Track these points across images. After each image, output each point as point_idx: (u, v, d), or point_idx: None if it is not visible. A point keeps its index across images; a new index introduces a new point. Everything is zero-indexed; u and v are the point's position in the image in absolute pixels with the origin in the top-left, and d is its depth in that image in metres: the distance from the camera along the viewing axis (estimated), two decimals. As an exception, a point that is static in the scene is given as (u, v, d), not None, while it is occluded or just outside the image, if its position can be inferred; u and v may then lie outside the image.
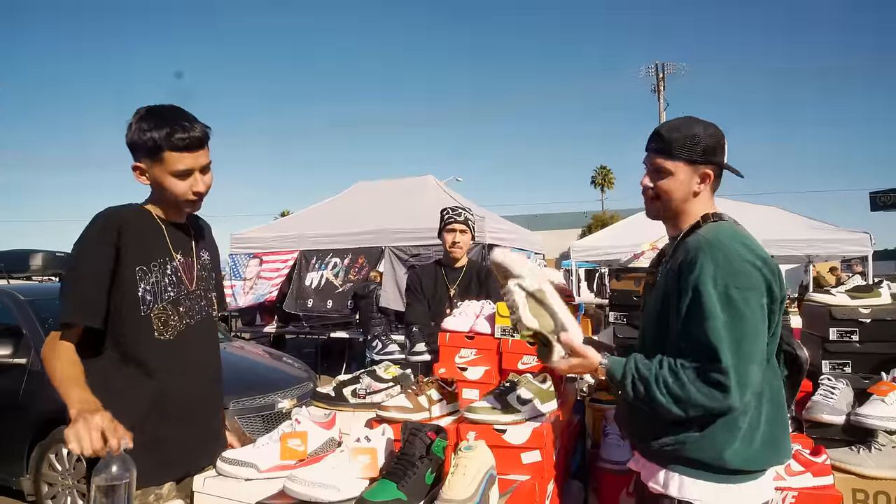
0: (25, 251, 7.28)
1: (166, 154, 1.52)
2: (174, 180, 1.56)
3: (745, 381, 1.31)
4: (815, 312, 2.50)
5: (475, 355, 2.01)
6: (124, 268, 1.53)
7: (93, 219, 1.56)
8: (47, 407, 3.76)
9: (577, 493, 2.01)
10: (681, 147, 1.45)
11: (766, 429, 1.39)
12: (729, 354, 1.30)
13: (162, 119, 1.52)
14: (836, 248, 8.90)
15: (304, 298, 8.29)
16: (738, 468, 1.36)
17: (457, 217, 3.11)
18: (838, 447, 2.01)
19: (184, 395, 1.62)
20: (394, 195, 9.36)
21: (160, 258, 1.61)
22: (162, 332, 1.58)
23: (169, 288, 1.61)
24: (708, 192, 1.51)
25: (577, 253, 9.91)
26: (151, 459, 1.49)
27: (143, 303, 1.55)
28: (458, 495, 1.25)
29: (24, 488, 3.86)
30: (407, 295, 3.17)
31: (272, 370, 4.68)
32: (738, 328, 1.32)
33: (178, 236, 1.68)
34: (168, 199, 1.60)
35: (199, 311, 1.69)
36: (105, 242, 1.52)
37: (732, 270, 1.34)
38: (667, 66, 24.82)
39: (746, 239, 1.41)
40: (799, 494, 1.79)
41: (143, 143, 1.51)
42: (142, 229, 1.59)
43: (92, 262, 1.52)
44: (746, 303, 1.33)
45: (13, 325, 4.26)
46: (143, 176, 1.58)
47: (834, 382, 2.22)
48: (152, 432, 1.52)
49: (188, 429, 1.62)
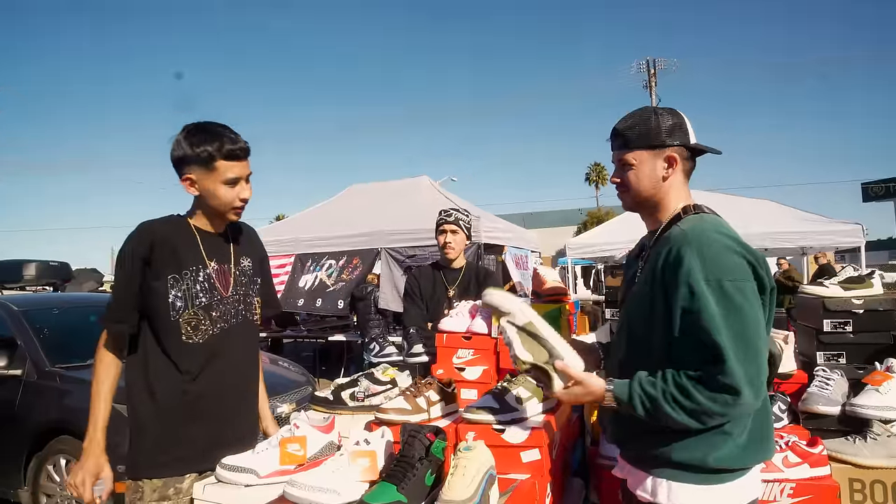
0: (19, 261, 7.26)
1: (219, 163, 1.67)
2: (225, 188, 1.70)
3: (755, 377, 1.25)
4: (808, 304, 2.52)
5: (473, 355, 2.02)
6: (156, 277, 1.67)
7: (130, 234, 1.70)
8: (44, 418, 3.75)
9: (577, 491, 2.02)
10: (637, 136, 1.44)
11: (753, 426, 1.35)
12: (732, 353, 1.23)
13: (212, 133, 1.68)
14: (829, 239, 8.96)
15: (295, 298, 8.28)
16: (725, 468, 1.32)
17: (447, 218, 3.12)
18: (834, 437, 2.03)
19: (212, 395, 1.73)
20: (389, 197, 9.36)
21: (192, 266, 1.72)
22: (191, 335, 1.70)
23: (201, 294, 1.72)
24: (680, 177, 1.45)
25: (572, 250, 9.93)
26: (173, 455, 1.66)
27: (173, 308, 1.68)
28: (459, 496, 1.25)
29: (23, 500, 3.83)
30: (404, 299, 3.16)
31: (270, 375, 4.65)
32: (738, 322, 1.26)
33: (215, 245, 1.80)
34: (215, 207, 1.74)
35: (234, 315, 1.80)
36: (136, 256, 1.66)
37: (722, 263, 1.28)
38: (658, 62, 24.90)
39: (730, 230, 1.37)
40: (796, 485, 1.81)
41: (196, 155, 1.66)
42: (175, 240, 1.72)
43: (125, 274, 1.67)
44: (743, 294, 1.27)
45: (8, 336, 4.23)
46: (193, 187, 1.71)
47: (829, 374, 2.23)
48: (178, 429, 1.68)
49: (214, 427, 1.73)
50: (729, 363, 1.23)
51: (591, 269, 16.42)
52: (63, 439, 3.67)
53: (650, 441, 1.36)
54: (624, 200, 1.52)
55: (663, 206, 1.46)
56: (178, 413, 1.68)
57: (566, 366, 1.43)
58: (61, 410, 3.72)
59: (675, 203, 1.45)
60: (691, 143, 1.44)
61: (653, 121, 1.43)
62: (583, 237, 10.80)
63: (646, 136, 1.43)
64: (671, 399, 1.28)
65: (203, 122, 1.72)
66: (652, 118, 1.43)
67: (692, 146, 1.45)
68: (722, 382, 1.23)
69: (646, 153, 1.44)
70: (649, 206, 1.48)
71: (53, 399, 3.78)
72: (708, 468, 1.31)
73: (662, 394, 1.29)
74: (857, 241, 8.65)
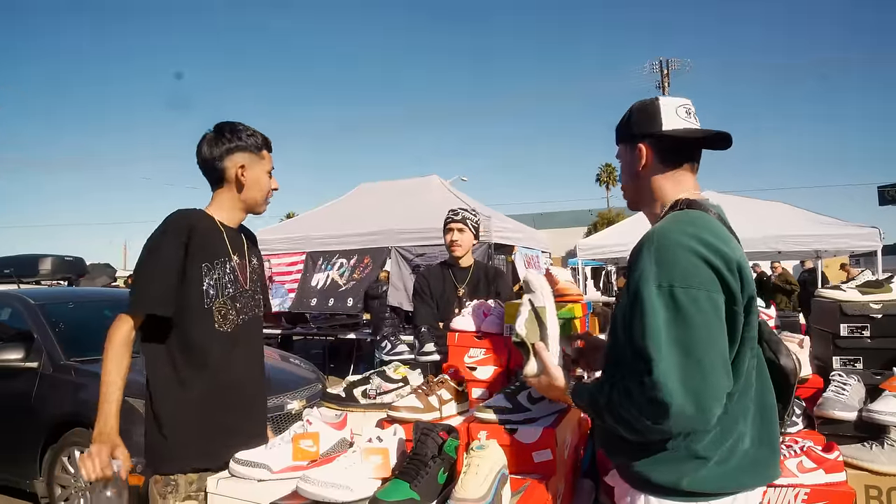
0: (34, 256, 7.36)
1: (264, 153, 1.83)
2: (266, 177, 1.83)
3: (700, 393, 1.10)
4: (825, 308, 2.49)
5: (484, 354, 2.02)
6: (192, 264, 1.70)
7: (165, 219, 1.73)
8: (59, 410, 3.81)
9: (587, 492, 2.01)
10: (618, 132, 1.44)
11: (749, 452, 1.24)
12: (666, 363, 1.11)
13: (248, 128, 1.82)
14: (844, 243, 8.86)
15: (308, 298, 8.34)
16: (702, 491, 1.21)
17: (454, 216, 3.12)
18: (850, 444, 2.00)
19: (239, 385, 1.77)
20: (399, 195, 9.38)
21: (222, 257, 1.78)
22: (221, 324, 1.74)
23: (228, 285, 1.78)
24: (661, 168, 1.36)
25: (583, 251, 9.90)
26: (207, 447, 1.68)
27: (207, 296, 1.72)
28: (471, 494, 1.25)
29: (38, 491, 3.89)
30: (414, 298, 3.17)
31: (281, 371, 4.70)
32: (682, 331, 1.13)
33: (235, 239, 1.86)
34: (253, 197, 1.83)
35: (250, 309, 1.86)
36: (177, 240, 1.68)
37: (677, 267, 1.16)
38: (671, 63, 24.74)
39: (703, 230, 1.22)
40: (811, 491, 1.78)
41: (251, 143, 1.79)
42: (206, 230, 1.77)
43: (165, 258, 1.67)
44: (695, 303, 1.14)
45: (24, 329, 4.29)
46: (243, 176, 1.79)
47: (845, 378, 2.21)
48: (211, 419, 1.71)
49: (238, 418, 1.77)
50: (656, 374, 1.11)
51: (602, 271, 16.35)
52: (77, 431, 3.72)
53: (629, 456, 1.29)
54: (626, 200, 1.52)
55: (653, 202, 1.39)
56: (210, 403, 1.71)
57: (542, 349, 1.45)
58: (76, 403, 3.77)
59: (665, 197, 1.37)
60: (658, 131, 1.33)
61: (627, 115, 1.41)
62: (593, 238, 10.77)
63: (619, 131, 1.44)
64: (614, 405, 1.21)
65: (229, 121, 1.82)
66: (626, 114, 1.42)
67: (660, 134, 1.34)
68: (649, 395, 1.12)
69: (624, 148, 1.43)
70: (641, 203, 1.44)
71: (68, 392, 3.83)
72: (682, 491, 1.22)
73: (607, 400, 1.23)
74: (873, 244, 8.56)
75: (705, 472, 1.21)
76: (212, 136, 1.80)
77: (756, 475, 1.26)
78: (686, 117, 1.36)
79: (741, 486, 1.24)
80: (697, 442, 1.21)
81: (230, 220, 1.85)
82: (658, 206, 1.39)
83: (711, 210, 1.33)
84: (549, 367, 1.44)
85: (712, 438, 1.21)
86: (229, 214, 1.84)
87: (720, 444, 1.22)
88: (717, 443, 1.22)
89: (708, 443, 1.21)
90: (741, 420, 1.25)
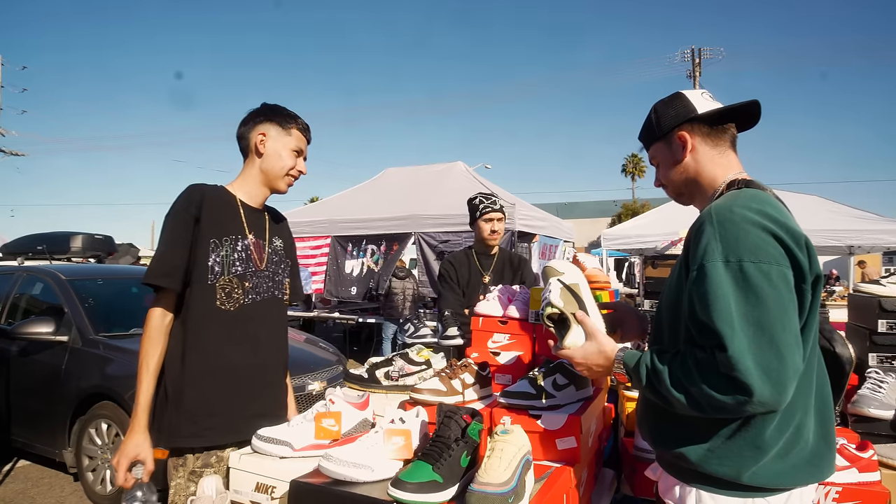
0: (66, 233, 7.54)
1: (294, 131, 1.83)
2: (290, 154, 1.82)
3: (776, 372, 1.06)
4: (862, 304, 2.40)
5: (508, 340, 1.99)
6: (199, 238, 1.69)
7: (180, 193, 1.73)
8: (88, 383, 3.90)
9: (609, 481, 1.99)
10: (646, 135, 1.46)
11: (809, 444, 1.19)
12: (742, 342, 1.07)
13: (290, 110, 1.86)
14: (879, 238, 8.58)
15: (347, 286, 8.41)
16: (762, 486, 1.17)
17: (493, 206, 3.08)
18: (886, 443, 1.94)
19: (240, 366, 1.74)
20: (423, 181, 9.34)
21: (233, 234, 1.75)
22: (224, 302, 1.72)
23: (237, 263, 1.75)
24: (707, 150, 1.35)
25: (607, 241, 9.75)
26: (204, 424, 1.68)
27: (211, 272, 1.70)
28: (495, 479, 1.23)
29: (67, 461, 4.01)
30: (440, 283, 3.15)
31: (303, 352, 4.75)
32: (756, 308, 1.08)
33: (254, 218, 1.84)
34: (272, 171, 1.81)
35: (265, 290, 1.82)
36: (187, 213, 1.69)
37: (746, 241, 1.12)
38: (703, 52, 24.13)
39: (768, 205, 1.18)
40: (843, 490, 1.73)
41: (282, 113, 1.83)
42: (220, 205, 1.76)
43: (175, 231, 1.68)
44: (768, 278, 1.09)
45: (56, 303, 4.40)
46: (263, 144, 1.80)
47: (882, 376, 2.14)
48: (206, 398, 1.68)
49: (241, 400, 1.74)
50: (731, 351, 1.06)
51: (625, 262, 16.14)
52: (104, 404, 3.81)
53: (684, 448, 1.23)
54: (671, 197, 1.49)
55: (703, 186, 1.37)
56: (206, 382, 1.69)
57: (584, 317, 1.40)
58: (103, 377, 3.86)
59: (717, 179, 1.34)
60: (695, 115, 1.35)
61: (652, 116, 1.43)
62: (618, 228, 10.58)
63: (651, 132, 1.44)
64: (675, 376, 1.15)
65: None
66: (651, 115, 1.44)
67: (699, 117, 1.35)
68: (725, 373, 1.08)
69: (659, 144, 1.43)
70: (690, 192, 1.41)
71: (97, 366, 3.93)
72: (741, 485, 1.17)
73: (669, 371, 1.16)
74: (909, 241, 8.27)
75: (766, 463, 1.16)
76: (250, 111, 1.84)
77: (814, 470, 1.21)
78: (711, 100, 1.38)
79: (798, 481, 1.20)
80: (763, 429, 1.17)
81: (252, 196, 1.84)
82: (710, 189, 1.36)
83: (769, 189, 1.29)
84: (595, 332, 1.37)
85: (776, 426, 1.17)
86: (251, 189, 1.83)
87: (782, 433, 1.17)
88: (780, 431, 1.17)
89: (772, 430, 1.16)
90: (800, 409, 1.19)
